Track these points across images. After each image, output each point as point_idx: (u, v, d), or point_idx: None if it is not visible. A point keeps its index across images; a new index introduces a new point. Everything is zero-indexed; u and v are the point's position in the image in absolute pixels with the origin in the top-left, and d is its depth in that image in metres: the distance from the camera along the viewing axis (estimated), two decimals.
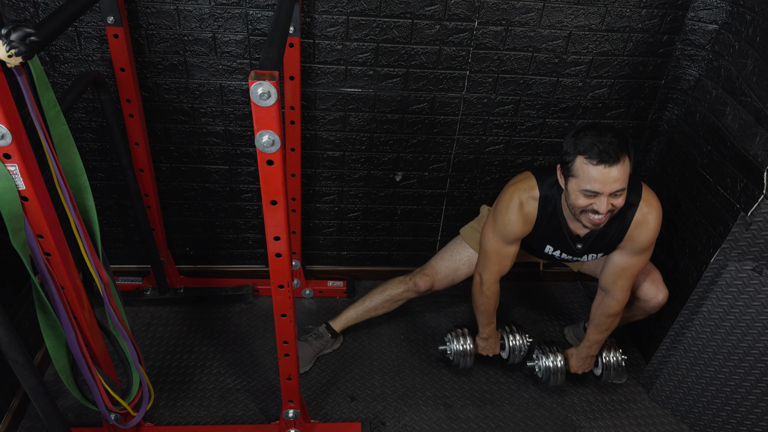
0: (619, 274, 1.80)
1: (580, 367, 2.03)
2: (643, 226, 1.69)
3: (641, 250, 1.74)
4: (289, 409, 1.74)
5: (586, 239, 1.77)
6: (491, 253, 1.84)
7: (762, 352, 1.74)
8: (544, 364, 2.02)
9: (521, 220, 1.75)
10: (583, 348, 2.00)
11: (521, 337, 2.08)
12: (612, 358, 2.03)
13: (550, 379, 2.03)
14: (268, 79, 1.00)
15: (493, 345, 2.08)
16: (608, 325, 1.91)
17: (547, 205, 1.73)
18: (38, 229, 1.20)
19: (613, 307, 1.86)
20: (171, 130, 2.10)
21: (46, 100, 1.17)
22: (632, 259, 1.77)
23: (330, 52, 1.97)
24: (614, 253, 1.80)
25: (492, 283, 1.90)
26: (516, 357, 2.09)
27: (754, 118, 1.68)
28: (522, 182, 1.76)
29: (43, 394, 1.37)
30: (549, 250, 1.88)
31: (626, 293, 1.84)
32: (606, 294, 1.87)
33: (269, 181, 1.15)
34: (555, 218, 1.74)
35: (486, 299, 1.93)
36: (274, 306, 1.42)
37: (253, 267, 2.53)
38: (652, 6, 1.95)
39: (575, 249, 1.81)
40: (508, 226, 1.76)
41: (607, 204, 1.52)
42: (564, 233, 1.77)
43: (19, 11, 1.81)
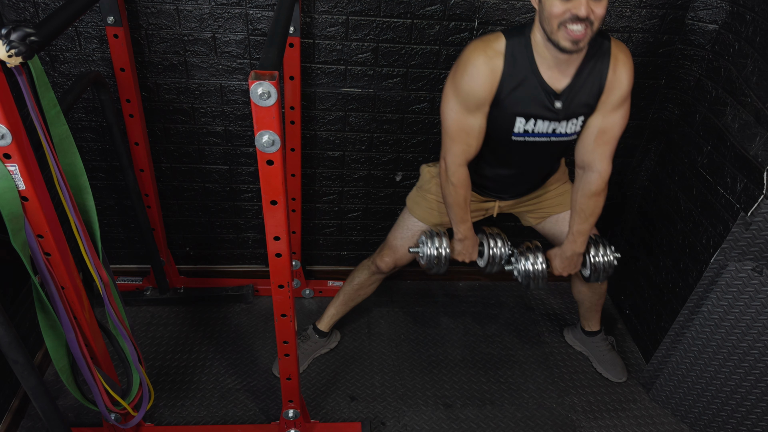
0: (599, 139, 1.60)
1: (565, 269, 1.79)
2: (621, 67, 1.52)
3: (620, 101, 1.56)
4: (289, 409, 1.74)
5: (565, 94, 1.53)
6: (453, 128, 1.57)
7: (762, 352, 1.74)
8: (524, 268, 1.76)
9: (484, 76, 1.48)
10: (568, 244, 1.75)
11: (503, 244, 1.77)
12: (601, 257, 1.76)
13: (531, 284, 1.78)
14: (268, 79, 1.00)
15: (470, 248, 1.79)
16: (592, 207, 1.69)
17: (516, 52, 1.48)
18: (38, 229, 1.20)
19: (595, 182, 1.65)
20: (171, 130, 2.10)
21: (46, 100, 1.17)
22: (611, 117, 1.58)
23: (330, 52, 1.97)
24: (591, 118, 1.60)
25: (457, 166, 1.63)
26: (495, 265, 1.79)
27: (754, 118, 1.68)
28: (487, 35, 1.52)
29: (43, 394, 1.37)
30: (520, 127, 1.57)
31: (608, 163, 1.64)
32: (585, 170, 1.67)
33: (269, 181, 1.15)
34: (527, 68, 1.49)
35: (454, 188, 1.66)
36: (274, 306, 1.42)
37: (253, 267, 2.53)
38: (652, 6, 1.95)
39: (553, 109, 1.54)
40: (470, 83, 1.49)
41: (587, 6, 1.33)
42: (539, 88, 1.51)
43: (19, 11, 1.81)
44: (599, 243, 1.78)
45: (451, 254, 1.79)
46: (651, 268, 2.25)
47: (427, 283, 2.62)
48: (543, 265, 1.75)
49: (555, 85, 1.52)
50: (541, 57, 1.48)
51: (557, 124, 1.57)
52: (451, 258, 1.79)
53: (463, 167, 1.64)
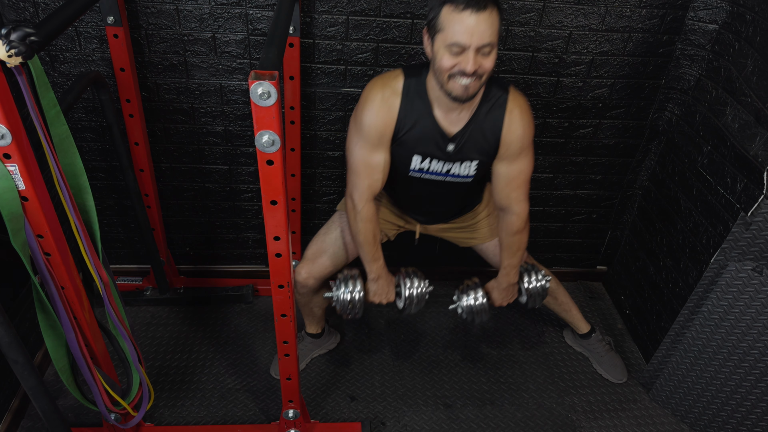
0: (509, 185, 1.67)
1: (504, 299, 1.88)
2: (516, 122, 1.57)
3: (520, 150, 1.61)
4: (289, 409, 1.74)
5: (458, 138, 1.58)
6: (359, 164, 1.60)
7: (762, 352, 1.74)
8: (466, 303, 1.82)
9: (383, 114, 1.53)
10: (502, 277, 1.85)
11: (420, 282, 1.78)
12: (535, 283, 1.86)
13: (475, 319, 1.85)
14: (268, 79, 1.00)
15: (385, 288, 1.78)
16: (517, 244, 1.78)
17: (412, 93, 1.54)
18: (38, 229, 1.20)
19: (515, 223, 1.74)
20: (171, 130, 2.10)
21: (46, 100, 1.17)
22: (516, 165, 1.64)
23: (330, 52, 1.97)
24: (496, 166, 1.65)
25: (365, 201, 1.64)
26: (413, 306, 1.80)
27: (754, 118, 1.68)
28: (386, 74, 1.58)
29: (43, 394, 1.37)
30: (416, 164, 1.63)
31: (524, 204, 1.72)
32: (505, 212, 1.75)
33: (269, 181, 1.15)
34: (422, 110, 1.55)
35: (363, 224, 1.67)
36: (274, 306, 1.42)
37: (253, 267, 2.53)
38: (652, 6, 1.95)
39: (446, 151, 1.59)
40: (370, 120, 1.54)
41: (475, 61, 1.37)
42: (433, 130, 1.56)
43: (19, 11, 1.81)
44: (531, 271, 1.88)
45: (366, 297, 1.78)
46: (651, 268, 2.25)
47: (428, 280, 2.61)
48: (483, 299, 1.83)
49: (448, 128, 1.57)
50: (436, 101, 1.54)
51: (451, 164, 1.63)
52: (367, 301, 1.79)
53: (370, 203, 1.67)
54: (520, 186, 1.69)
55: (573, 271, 2.68)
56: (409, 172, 1.66)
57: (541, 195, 2.40)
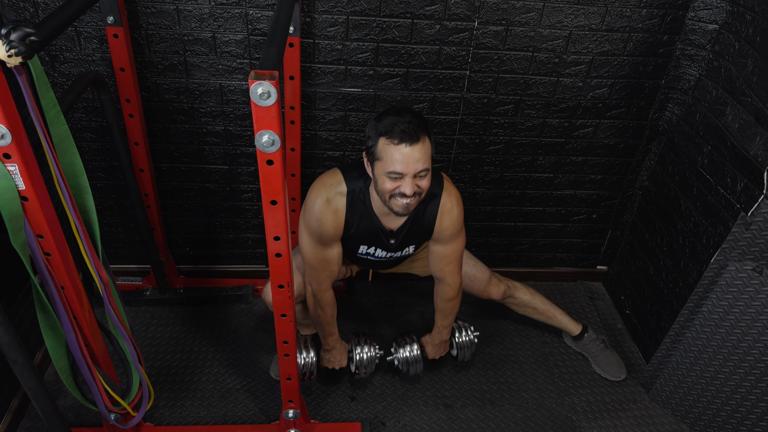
0: (443, 261, 1.84)
1: (437, 353, 2.06)
2: (447, 215, 1.72)
3: (452, 236, 1.77)
4: (289, 409, 1.74)
5: (398, 233, 1.76)
6: (314, 261, 1.74)
7: (762, 352, 1.74)
8: (403, 356, 2.02)
9: (330, 219, 1.67)
10: (435, 335, 2.02)
11: (370, 348, 1.99)
12: (465, 338, 2.06)
13: (410, 370, 2.03)
14: (268, 78, 1.00)
15: (338, 357, 1.99)
16: (450, 309, 1.94)
17: (356, 199, 1.67)
18: (38, 229, 1.20)
19: (448, 292, 1.89)
20: (171, 130, 2.10)
21: (46, 100, 1.17)
22: (450, 246, 1.80)
23: (330, 52, 1.97)
24: (432, 245, 1.83)
25: (324, 291, 1.81)
26: (365, 370, 1.99)
27: (754, 118, 1.68)
28: (327, 178, 1.69)
29: (43, 394, 1.37)
30: (363, 250, 1.82)
31: (457, 276, 1.87)
32: (440, 282, 1.91)
33: (269, 181, 1.15)
34: (365, 213, 1.69)
35: (322, 310, 1.84)
36: (275, 306, 1.42)
37: (253, 267, 2.53)
38: (652, 6, 1.95)
39: (389, 244, 1.78)
40: (320, 227, 1.67)
41: (413, 186, 1.51)
42: (376, 229, 1.73)
43: (19, 11, 1.81)
44: (461, 328, 2.08)
45: (320, 363, 1.99)
46: (651, 268, 2.25)
47: (428, 283, 2.60)
48: (418, 351, 2.02)
49: (389, 225, 1.75)
50: (378, 207, 1.68)
51: (393, 252, 1.84)
52: (320, 366, 1.99)
53: (329, 291, 1.83)
54: (453, 261, 1.85)
55: (573, 271, 2.68)
56: (358, 254, 1.85)
57: (541, 195, 2.40)
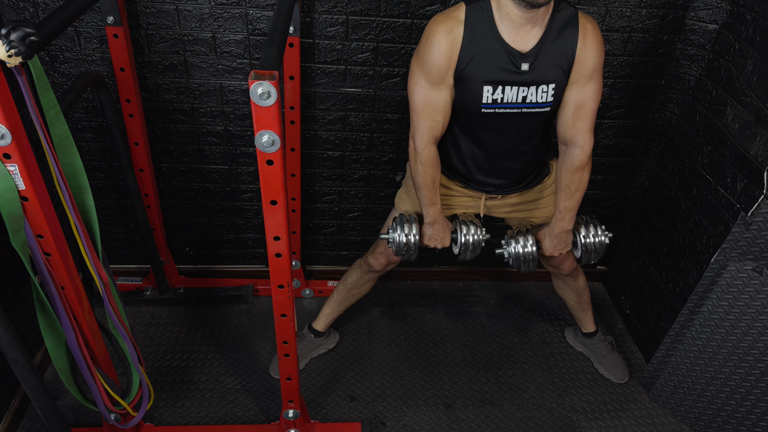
0: (577, 113, 1.58)
1: (555, 248, 1.77)
2: (590, 37, 1.50)
3: (592, 70, 1.54)
4: (289, 409, 1.74)
5: (532, 54, 1.48)
6: (420, 104, 1.55)
7: (762, 352, 1.74)
8: (514, 250, 1.74)
9: (445, 44, 1.46)
10: (556, 222, 1.73)
11: (476, 230, 1.73)
12: (592, 237, 1.74)
13: (521, 266, 1.76)
14: (268, 79, 1.00)
15: (440, 233, 1.75)
16: (577, 183, 1.67)
17: (475, 17, 1.45)
18: (38, 229, 1.20)
19: (578, 157, 1.63)
20: (171, 130, 2.10)
21: (46, 100, 1.17)
22: (586, 90, 1.56)
23: (330, 52, 1.97)
24: (566, 92, 1.57)
25: (425, 143, 1.60)
26: (468, 252, 1.75)
27: (754, 118, 1.68)
28: (447, 9, 1.52)
29: (43, 394, 1.37)
30: (488, 95, 1.53)
31: (589, 137, 1.62)
32: (568, 145, 1.65)
33: (269, 181, 1.15)
34: (488, 32, 1.46)
35: (422, 167, 1.62)
36: (274, 306, 1.42)
37: (253, 267, 2.53)
38: (652, 6, 1.95)
39: (520, 71, 1.49)
40: (432, 55, 1.47)
41: None
42: (503, 51, 1.47)
43: (19, 11, 1.81)
44: (590, 223, 1.77)
45: (421, 240, 1.75)
46: (651, 268, 2.25)
47: (428, 283, 2.62)
48: (533, 246, 1.73)
49: (520, 46, 1.48)
50: (503, 19, 1.45)
51: (526, 90, 1.53)
52: (422, 244, 1.75)
53: (431, 145, 1.61)
54: (587, 116, 1.59)
55: None
56: (482, 108, 1.55)
57: None
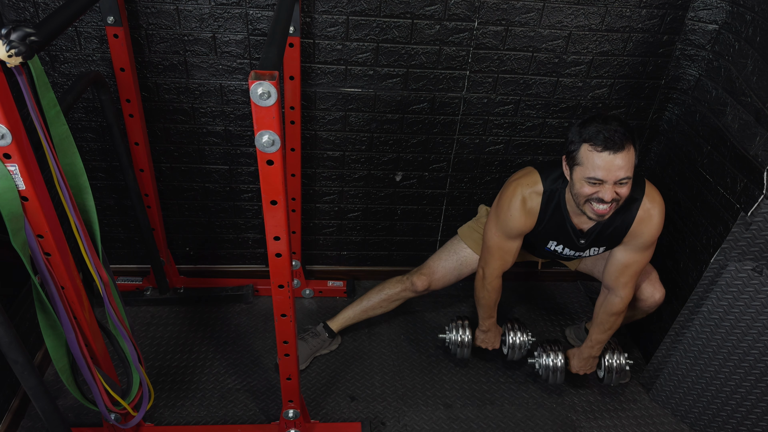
0: (623, 271, 1.80)
1: (581, 368, 2.02)
2: (647, 221, 1.69)
3: (645, 246, 1.74)
4: (289, 409, 1.74)
5: (590, 234, 1.76)
6: (493, 248, 1.85)
7: (762, 352, 1.74)
8: (545, 362, 2.02)
9: (524, 216, 1.75)
10: (586, 348, 1.99)
11: (522, 334, 2.06)
12: (615, 361, 2.01)
13: (550, 378, 2.03)
14: (268, 79, 1.00)
15: (493, 338, 2.09)
16: (611, 323, 1.90)
17: (551, 199, 1.72)
18: (38, 229, 1.20)
19: (617, 305, 1.86)
20: (171, 130, 2.10)
21: (46, 100, 1.17)
22: (635, 256, 1.77)
23: (330, 52, 1.97)
24: (617, 250, 1.79)
25: (494, 278, 1.91)
26: (516, 353, 2.08)
27: (754, 118, 1.68)
28: (525, 177, 1.76)
29: (43, 394, 1.37)
30: (551, 246, 1.86)
31: (630, 290, 1.83)
32: (610, 292, 1.87)
33: (269, 181, 1.15)
34: (558, 212, 1.74)
35: (487, 293, 1.94)
36: (274, 306, 1.42)
37: (253, 267, 2.53)
38: (652, 6, 1.95)
39: (578, 244, 1.79)
40: (511, 221, 1.76)
41: (612, 192, 1.52)
42: (567, 228, 1.76)
43: (19, 11, 1.81)
44: (615, 349, 2.03)
45: (474, 342, 2.09)
46: None
47: None
48: (562, 362, 2.01)
49: (581, 226, 1.76)
50: (572, 208, 1.72)
51: (580, 251, 1.85)
52: (474, 345, 2.10)
53: (498, 278, 1.92)
54: (633, 275, 1.81)
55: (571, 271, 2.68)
56: (545, 249, 1.90)
57: None
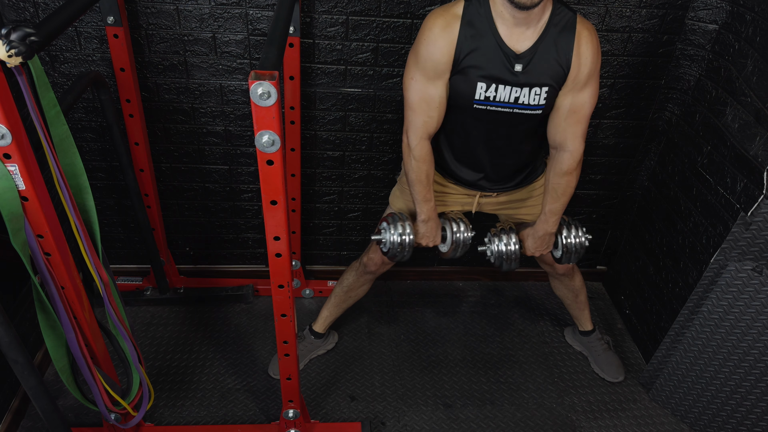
0: (569, 118, 1.58)
1: (537, 249, 1.81)
2: (585, 42, 1.49)
3: (588, 76, 1.53)
4: (289, 409, 1.74)
5: (526, 56, 1.48)
6: (415, 99, 1.55)
7: (762, 352, 1.74)
8: (497, 248, 1.78)
9: (442, 39, 1.47)
10: (540, 224, 1.76)
11: (466, 228, 1.77)
12: (573, 239, 1.78)
13: (503, 265, 1.80)
14: (268, 79, 1.00)
15: (434, 231, 1.77)
16: (564, 187, 1.68)
17: (473, 12, 1.46)
18: (38, 229, 1.20)
19: (566, 162, 1.64)
20: (171, 130, 2.10)
21: (46, 100, 1.17)
22: (581, 96, 1.55)
23: (330, 52, 1.97)
24: (560, 98, 1.57)
25: (419, 139, 1.60)
26: (458, 251, 1.79)
27: (754, 118, 1.68)
28: (445, 4, 1.52)
29: (43, 394, 1.37)
30: (481, 92, 1.53)
31: (580, 143, 1.62)
32: (558, 149, 1.65)
33: (269, 181, 1.15)
34: (485, 28, 1.47)
35: (416, 162, 1.63)
36: (274, 306, 1.42)
37: (253, 267, 2.53)
38: (652, 6, 1.95)
39: (513, 71, 1.49)
40: (429, 50, 1.48)
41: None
42: (499, 48, 1.47)
43: (19, 11, 1.81)
44: (571, 225, 1.80)
45: (414, 238, 1.75)
46: (651, 268, 2.25)
47: (428, 283, 2.62)
48: (516, 245, 1.77)
49: (515, 46, 1.48)
50: (500, 17, 1.45)
51: (519, 91, 1.53)
52: (415, 243, 1.76)
53: (425, 141, 1.61)
54: (580, 121, 1.59)
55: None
56: (474, 103, 1.56)
57: None
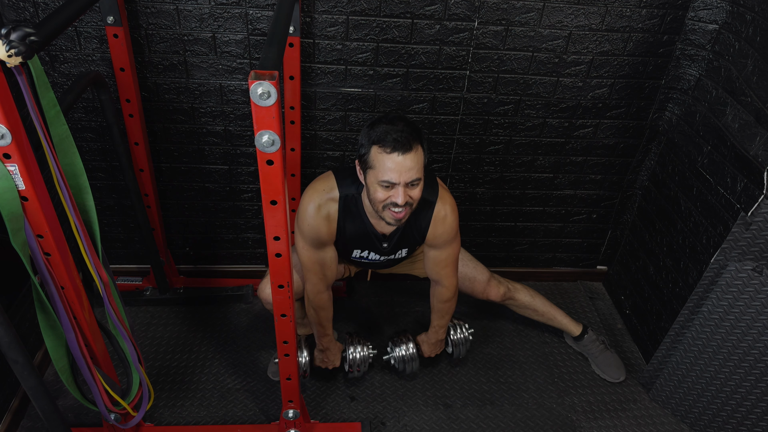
0: (438, 265, 1.85)
1: (433, 351, 2.08)
2: (441, 222, 1.73)
3: (446, 242, 1.79)
4: (289, 409, 1.74)
5: (392, 237, 1.78)
6: (308, 263, 1.76)
7: (762, 352, 1.74)
8: (399, 354, 2.04)
9: (322, 223, 1.68)
10: (432, 334, 2.05)
11: (363, 348, 2.01)
12: (460, 335, 2.08)
13: (406, 368, 2.05)
14: (268, 78, 1.00)
15: (332, 357, 2.00)
16: (446, 309, 1.97)
17: (348, 204, 1.69)
18: (38, 229, 1.20)
19: (444, 294, 1.92)
20: (171, 130, 2.10)
21: (46, 100, 1.17)
22: (443, 251, 1.82)
23: (330, 52, 1.97)
24: (426, 250, 1.84)
25: (316, 293, 1.81)
26: (359, 370, 2.01)
27: (754, 118, 1.68)
28: (320, 183, 1.70)
29: (43, 394, 1.37)
30: (357, 254, 1.84)
31: (453, 278, 1.89)
32: (436, 284, 1.93)
33: (269, 181, 1.15)
34: (358, 218, 1.71)
35: (314, 311, 1.85)
36: (274, 306, 1.42)
37: (253, 267, 2.53)
38: (652, 6, 1.95)
39: (381, 248, 1.80)
40: (311, 230, 1.68)
41: (404, 195, 1.51)
42: (369, 233, 1.75)
43: (19, 11, 1.81)
44: (456, 326, 2.10)
45: (313, 362, 2.01)
46: (651, 268, 2.25)
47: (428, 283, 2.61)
48: (413, 350, 2.04)
49: (382, 230, 1.76)
50: (370, 213, 1.70)
51: (386, 255, 1.85)
52: (313, 366, 2.02)
53: (323, 293, 1.83)
54: (449, 265, 1.86)
55: (573, 271, 2.68)
56: (351, 257, 1.88)
57: (541, 195, 2.40)
